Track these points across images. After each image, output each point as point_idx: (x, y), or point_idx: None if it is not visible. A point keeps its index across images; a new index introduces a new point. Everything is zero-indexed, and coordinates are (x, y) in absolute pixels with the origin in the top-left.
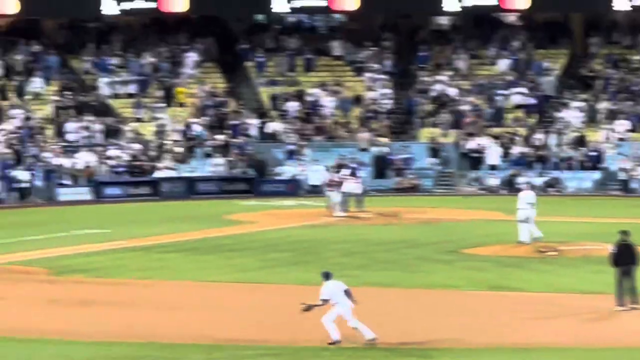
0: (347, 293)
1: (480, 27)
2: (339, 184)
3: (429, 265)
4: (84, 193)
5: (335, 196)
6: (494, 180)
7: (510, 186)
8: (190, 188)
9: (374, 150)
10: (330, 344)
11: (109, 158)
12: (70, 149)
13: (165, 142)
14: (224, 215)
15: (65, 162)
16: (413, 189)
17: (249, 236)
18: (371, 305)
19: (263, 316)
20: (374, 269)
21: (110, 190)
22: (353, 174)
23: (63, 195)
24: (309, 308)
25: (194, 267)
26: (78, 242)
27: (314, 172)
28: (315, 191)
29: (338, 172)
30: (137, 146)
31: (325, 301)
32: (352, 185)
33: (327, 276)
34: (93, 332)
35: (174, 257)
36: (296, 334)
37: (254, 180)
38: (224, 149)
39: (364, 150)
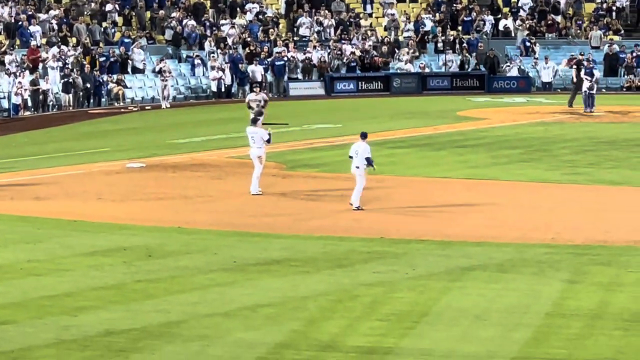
0: None
1: None
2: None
3: None
4: (315, 88)
5: None
6: None
7: None
8: (421, 84)
9: (605, 48)
10: None
11: (341, 53)
12: (302, 44)
13: (397, 38)
14: (455, 111)
15: (298, 56)
16: None
17: (480, 132)
18: (601, 203)
19: (495, 214)
20: (604, 166)
21: (342, 85)
22: (588, 73)
23: (294, 90)
24: None
25: (425, 163)
26: (309, 136)
27: (546, 69)
28: (547, 88)
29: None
30: (369, 42)
31: None
32: (587, 84)
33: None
34: (316, 227)
35: (405, 153)
36: (521, 231)
37: (485, 77)
38: (455, 45)
39: (595, 48)
